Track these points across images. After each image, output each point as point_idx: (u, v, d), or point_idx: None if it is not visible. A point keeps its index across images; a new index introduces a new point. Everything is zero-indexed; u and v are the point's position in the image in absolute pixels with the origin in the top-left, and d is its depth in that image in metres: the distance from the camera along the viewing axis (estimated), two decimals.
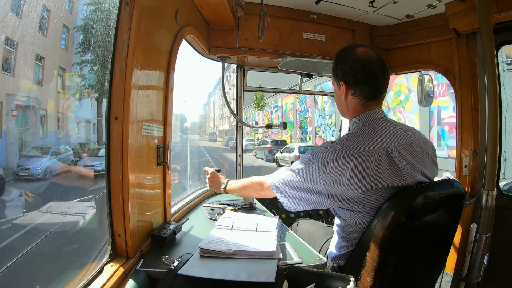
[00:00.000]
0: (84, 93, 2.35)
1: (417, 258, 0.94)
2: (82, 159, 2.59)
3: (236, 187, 1.34)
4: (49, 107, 2.08)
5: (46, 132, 2.15)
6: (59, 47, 1.96)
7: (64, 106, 2.24)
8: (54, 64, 1.95)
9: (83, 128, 2.71)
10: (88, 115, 2.57)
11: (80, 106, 2.45)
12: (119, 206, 0.92)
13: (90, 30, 1.90)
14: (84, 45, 2.01)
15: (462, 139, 1.67)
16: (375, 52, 1.00)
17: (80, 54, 2.06)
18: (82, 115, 2.54)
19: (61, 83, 2.12)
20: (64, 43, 1.98)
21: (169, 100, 1.18)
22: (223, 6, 1.43)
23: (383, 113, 1.03)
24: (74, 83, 2.24)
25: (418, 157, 0.96)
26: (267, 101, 26.06)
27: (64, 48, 1.99)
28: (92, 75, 2.20)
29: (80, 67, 2.15)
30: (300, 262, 0.96)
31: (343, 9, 1.72)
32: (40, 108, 2.00)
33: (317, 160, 0.94)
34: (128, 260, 0.92)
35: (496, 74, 1.23)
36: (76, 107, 2.42)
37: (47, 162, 2.29)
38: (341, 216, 1.00)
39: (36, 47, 1.71)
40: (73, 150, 2.54)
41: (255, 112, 28.86)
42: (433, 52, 1.77)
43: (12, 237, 1.17)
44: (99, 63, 1.86)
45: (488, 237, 1.24)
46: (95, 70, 2.11)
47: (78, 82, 2.26)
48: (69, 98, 2.25)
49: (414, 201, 0.84)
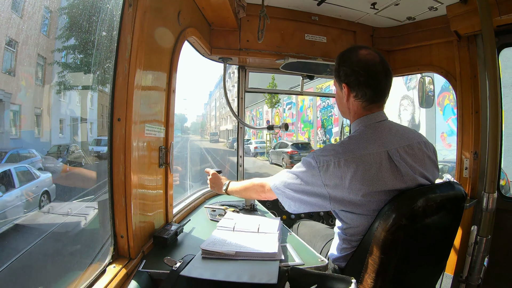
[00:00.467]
0: (69, 86, 1.99)
1: (417, 260, 0.94)
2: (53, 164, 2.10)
3: (238, 189, 1.34)
4: (24, 101, 1.74)
5: (19, 132, 1.80)
6: (39, 31, 1.61)
7: (44, 101, 1.88)
8: (32, 51, 1.61)
9: (68, 127, 2.28)
10: (75, 112, 2.20)
11: (64, 101, 2.09)
12: (121, 207, 0.92)
13: (77, 13, 1.60)
14: (70, 30, 1.69)
15: (462, 141, 1.68)
16: (378, 54, 1.00)
17: (64, 40, 1.74)
18: (67, 112, 2.17)
19: (41, 74, 1.77)
20: (46, 28, 1.65)
21: (171, 101, 1.18)
22: (225, 7, 1.43)
23: (385, 116, 1.03)
24: (57, 74, 1.89)
25: (419, 160, 0.97)
26: (279, 97, 21.41)
27: (45, 34, 1.66)
28: (79, 65, 1.88)
29: (66, 54, 1.82)
30: (301, 264, 0.96)
31: (345, 11, 1.72)
32: (10, 102, 1.66)
33: (318, 163, 0.94)
34: (130, 261, 0.92)
35: (497, 76, 1.24)
36: (59, 102, 2.04)
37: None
38: (342, 218, 1.00)
39: (8, 30, 1.41)
40: (48, 154, 2.09)
41: (263, 111, 26.56)
42: (434, 54, 1.78)
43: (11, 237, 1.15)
44: (85, 52, 1.68)
45: (489, 239, 1.24)
46: (80, 59, 1.81)
47: (62, 72, 1.90)
48: (50, 91, 1.88)
49: (415, 203, 0.84)
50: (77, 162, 2.30)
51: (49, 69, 1.81)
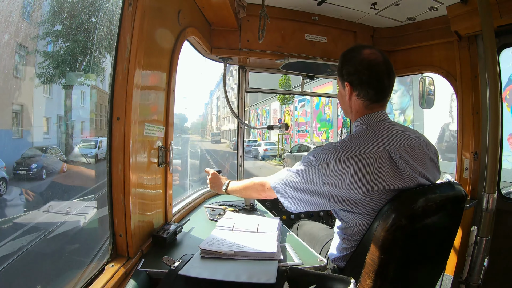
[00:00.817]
0: (52, 78, 1.71)
1: (417, 260, 0.94)
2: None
3: (238, 188, 1.34)
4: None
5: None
6: (19, 16, 1.36)
7: (25, 96, 1.60)
8: (9, 38, 1.33)
9: (54, 125, 1.97)
10: (60, 109, 1.91)
11: (50, 97, 1.81)
12: (120, 206, 0.92)
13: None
14: (56, 16, 1.49)
15: (463, 141, 1.67)
16: (381, 54, 1.01)
17: (50, 27, 1.52)
18: (54, 110, 1.90)
19: (22, 66, 1.53)
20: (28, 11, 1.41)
21: (170, 101, 1.18)
22: (225, 7, 1.43)
23: (386, 115, 1.03)
24: (39, 65, 1.63)
25: (420, 160, 0.97)
26: None
27: (27, 19, 1.42)
28: (66, 56, 1.65)
29: (52, 42, 1.60)
30: (300, 264, 0.96)
31: (345, 11, 1.72)
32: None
33: (318, 161, 0.94)
34: (129, 260, 0.92)
35: (498, 77, 1.23)
36: (44, 98, 1.77)
37: None
38: (342, 217, 1.00)
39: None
40: (22, 158, 1.77)
41: (270, 109, 24.72)
42: (435, 54, 1.77)
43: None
44: (72, 39, 1.52)
45: (489, 239, 1.23)
46: (67, 48, 1.60)
47: (45, 63, 1.65)
48: (31, 84, 1.61)
49: (415, 203, 0.84)
50: (54, 169, 1.95)
51: (31, 60, 1.56)
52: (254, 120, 29.60)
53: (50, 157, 1.96)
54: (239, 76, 1.97)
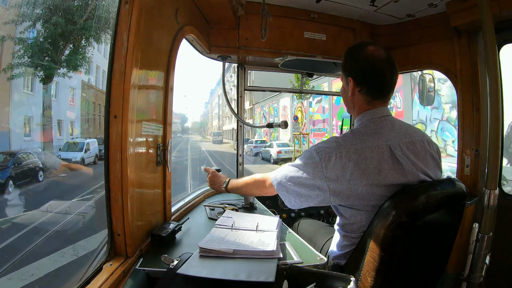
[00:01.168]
0: (41, 76, 1.59)
1: (418, 258, 0.93)
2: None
3: (238, 185, 1.34)
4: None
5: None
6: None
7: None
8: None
9: (37, 126, 1.79)
10: (38, 108, 1.74)
11: (33, 94, 1.64)
12: (118, 205, 0.91)
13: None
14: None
15: (463, 138, 1.66)
16: (385, 51, 1.01)
17: (30, 13, 1.43)
18: (34, 108, 1.71)
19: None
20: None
21: (169, 100, 1.18)
22: (223, 5, 1.42)
23: (388, 111, 1.03)
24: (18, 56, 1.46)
25: (421, 157, 0.96)
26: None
27: (5, 6, 1.32)
28: (48, 46, 1.53)
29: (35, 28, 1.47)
30: (300, 262, 0.96)
31: (344, 8, 1.71)
32: None
33: (320, 154, 0.94)
34: (127, 260, 0.91)
35: (498, 73, 1.22)
36: (25, 95, 1.61)
37: None
38: (342, 213, 1.00)
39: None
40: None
41: (278, 106, 22.39)
42: (434, 51, 1.76)
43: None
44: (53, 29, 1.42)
45: (490, 236, 1.22)
46: (46, 36, 1.53)
47: (25, 57, 1.50)
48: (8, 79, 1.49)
49: (416, 200, 0.84)
50: (26, 178, 1.79)
51: (7, 50, 1.44)
52: (260, 119, 28.25)
53: (20, 165, 1.74)
54: (238, 74, 1.97)
